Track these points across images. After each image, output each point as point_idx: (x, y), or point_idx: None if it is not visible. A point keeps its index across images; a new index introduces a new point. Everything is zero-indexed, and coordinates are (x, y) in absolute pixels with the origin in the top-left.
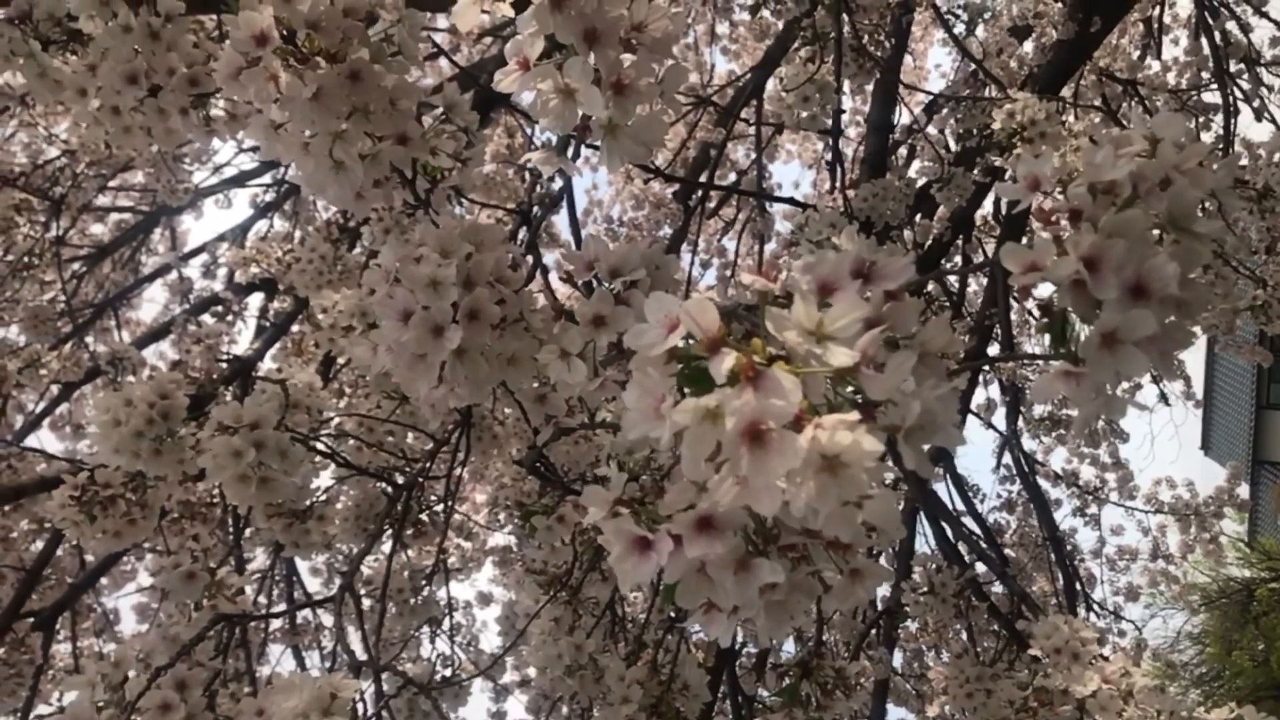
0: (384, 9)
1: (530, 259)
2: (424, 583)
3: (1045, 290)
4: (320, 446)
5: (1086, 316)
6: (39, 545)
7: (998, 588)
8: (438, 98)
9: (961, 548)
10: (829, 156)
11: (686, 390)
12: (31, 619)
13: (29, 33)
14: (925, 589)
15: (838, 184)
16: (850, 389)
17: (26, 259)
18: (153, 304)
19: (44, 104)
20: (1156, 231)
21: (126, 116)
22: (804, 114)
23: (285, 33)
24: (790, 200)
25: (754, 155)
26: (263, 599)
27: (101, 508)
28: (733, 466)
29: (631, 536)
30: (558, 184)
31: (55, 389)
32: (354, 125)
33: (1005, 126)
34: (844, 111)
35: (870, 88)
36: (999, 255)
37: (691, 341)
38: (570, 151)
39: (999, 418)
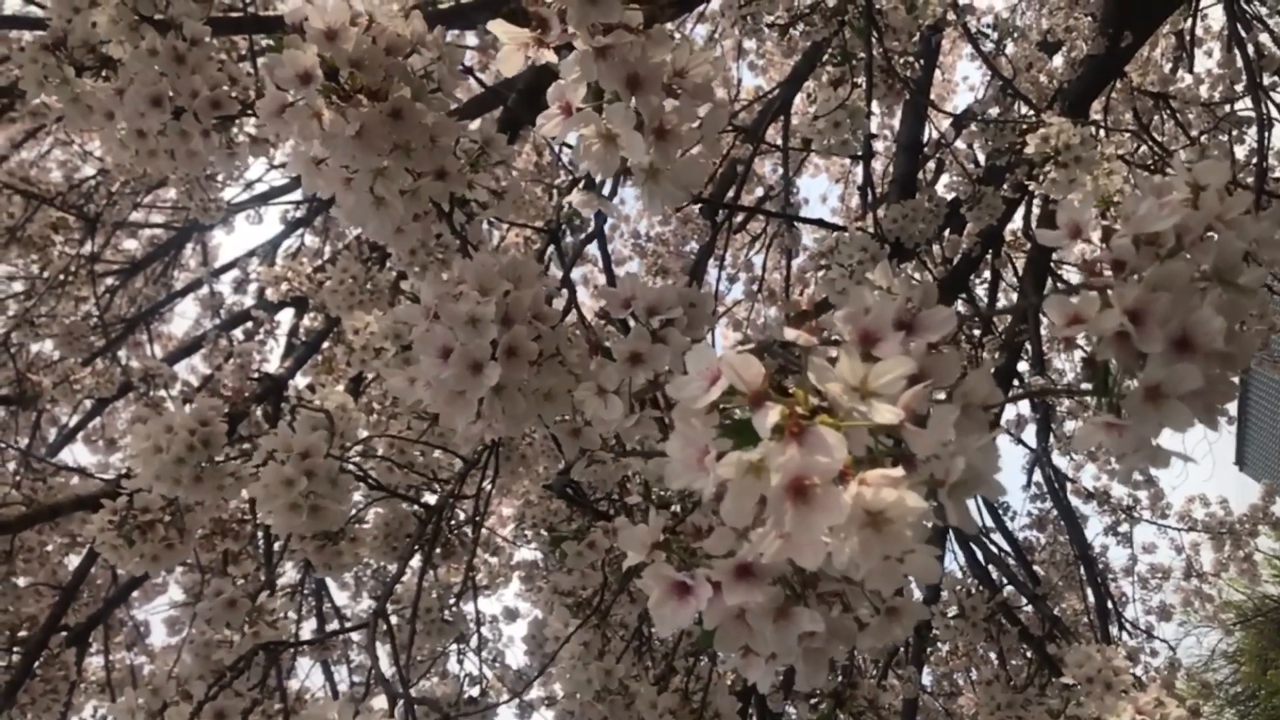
0: (424, 46)
1: (565, 292)
2: (453, 602)
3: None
4: (352, 468)
5: (1130, 368)
6: (71, 559)
7: (1029, 607)
8: (474, 130)
9: (991, 569)
10: (859, 179)
11: (728, 440)
12: (65, 633)
13: (63, 59)
14: (955, 613)
15: (869, 207)
16: (892, 439)
17: (62, 276)
18: (184, 319)
19: (76, 127)
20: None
21: (151, 139)
22: (835, 139)
23: (328, 70)
24: (819, 221)
25: (781, 169)
26: (292, 614)
27: (140, 532)
28: (777, 522)
29: (670, 582)
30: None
31: (88, 403)
32: (395, 162)
33: (1039, 151)
34: (875, 136)
35: (899, 108)
36: (1028, 273)
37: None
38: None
39: (1029, 433)
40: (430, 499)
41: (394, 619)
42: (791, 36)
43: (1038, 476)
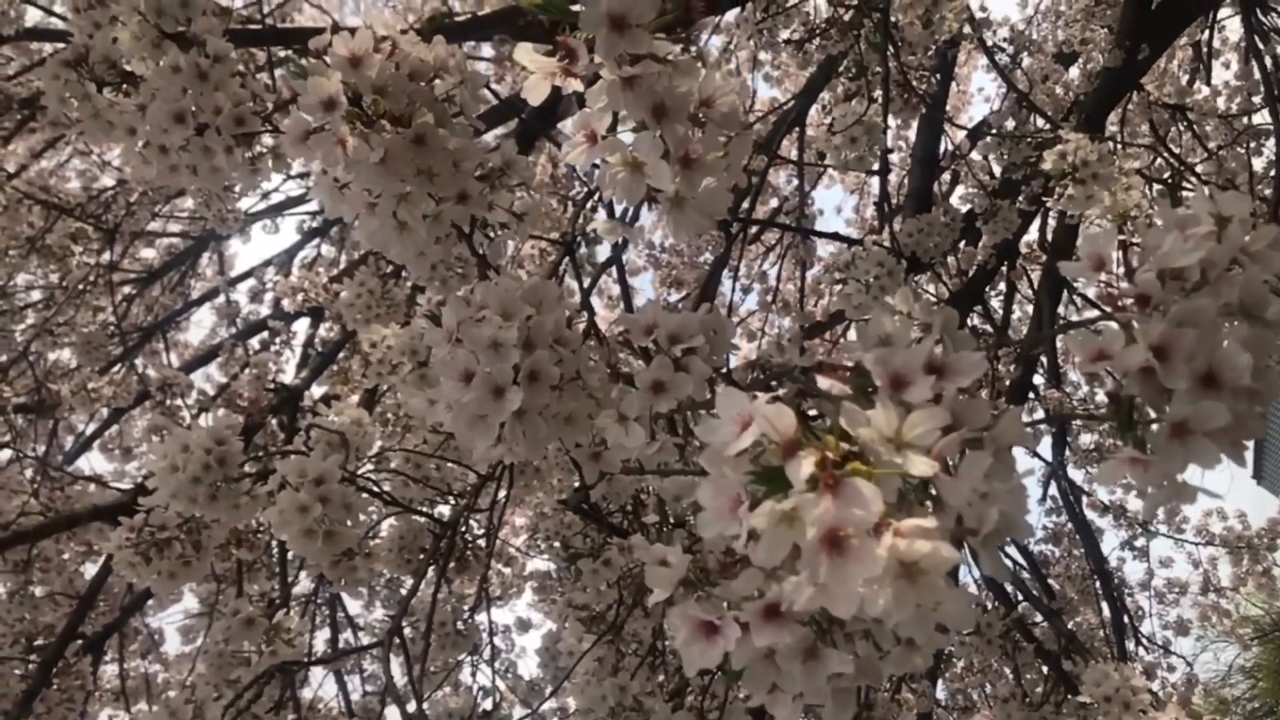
0: (446, 71)
1: (585, 314)
2: (467, 616)
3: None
4: (368, 484)
5: (1155, 404)
6: (87, 567)
7: (1045, 622)
8: (495, 153)
9: (1006, 584)
10: (875, 192)
11: (760, 487)
12: (81, 641)
13: (84, 74)
14: (971, 629)
15: (885, 221)
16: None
17: (81, 286)
18: (200, 327)
19: (97, 143)
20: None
21: (173, 155)
22: (851, 155)
23: (351, 96)
24: (834, 235)
25: (796, 180)
26: (306, 621)
27: (157, 549)
28: (812, 574)
29: (698, 621)
30: (601, 214)
31: (105, 411)
32: (418, 187)
33: (1057, 167)
34: (891, 151)
35: (915, 121)
36: (1044, 285)
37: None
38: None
39: (1044, 447)
40: (444, 509)
41: (408, 631)
42: (807, 50)
43: (1053, 490)
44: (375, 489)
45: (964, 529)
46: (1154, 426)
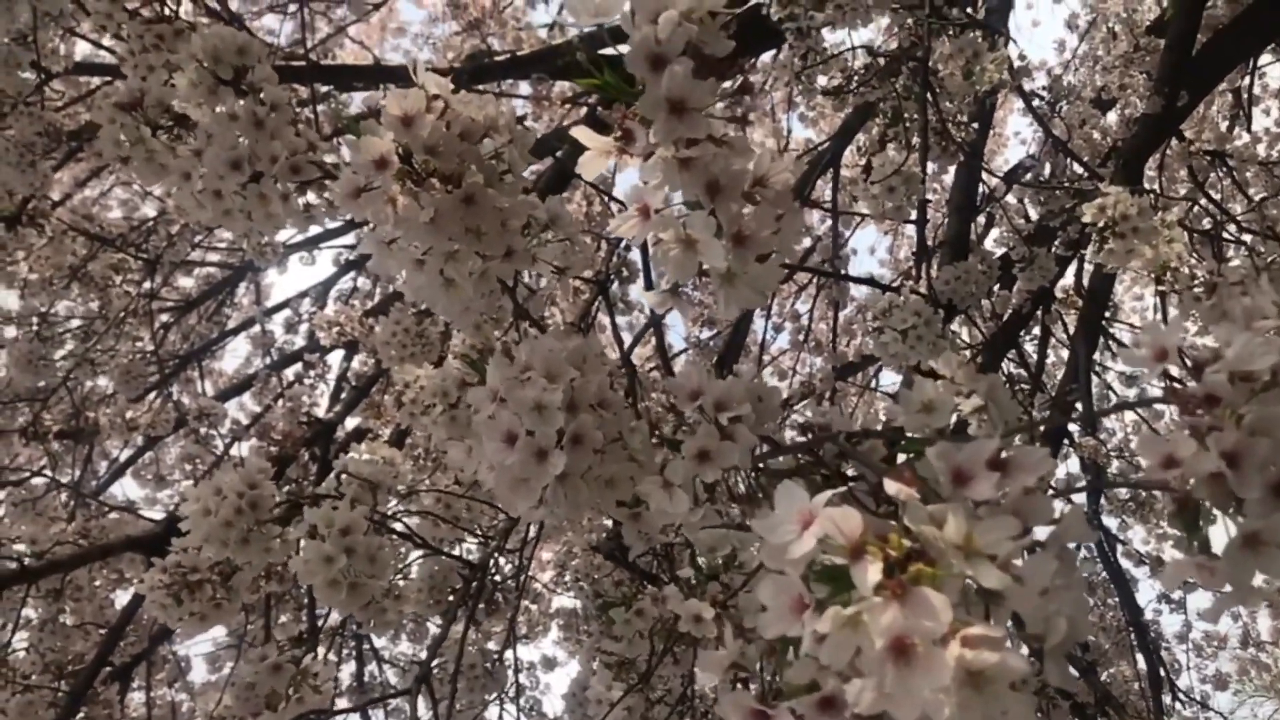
0: (496, 131)
1: (626, 371)
2: (495, 659)
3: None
4: (398, 526)
5: (1223, 508)
6: (118, 593)
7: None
8: (541, 208)
9: None
10: (910, 236)
11: (822, 587)
12: (109, 668)
13: (139, 119)
14: None
15: (921, 269)
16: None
17: (122, 315)
18: (235, 355)
19: (149, 184)
20: None
21: (228, 199)
22: (890, 205)
23: (402, 154)
24: (869, 281)
25: (830, 219)
26: (333, 656)
27: (189, 591)
28: (877, 682)
29: (750, 710)
30: (635, 254)
31: (140, 438)
32: (466, 245)
33: (1096, 220)
34: (929, 201)
35: (952, 169)
36: (1080, 332)
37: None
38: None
39: (1079, 494)
40: (471, 544)
41: (435, 670)
42: (844, 95)
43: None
44: (405, 529)
45: (1029, 635)
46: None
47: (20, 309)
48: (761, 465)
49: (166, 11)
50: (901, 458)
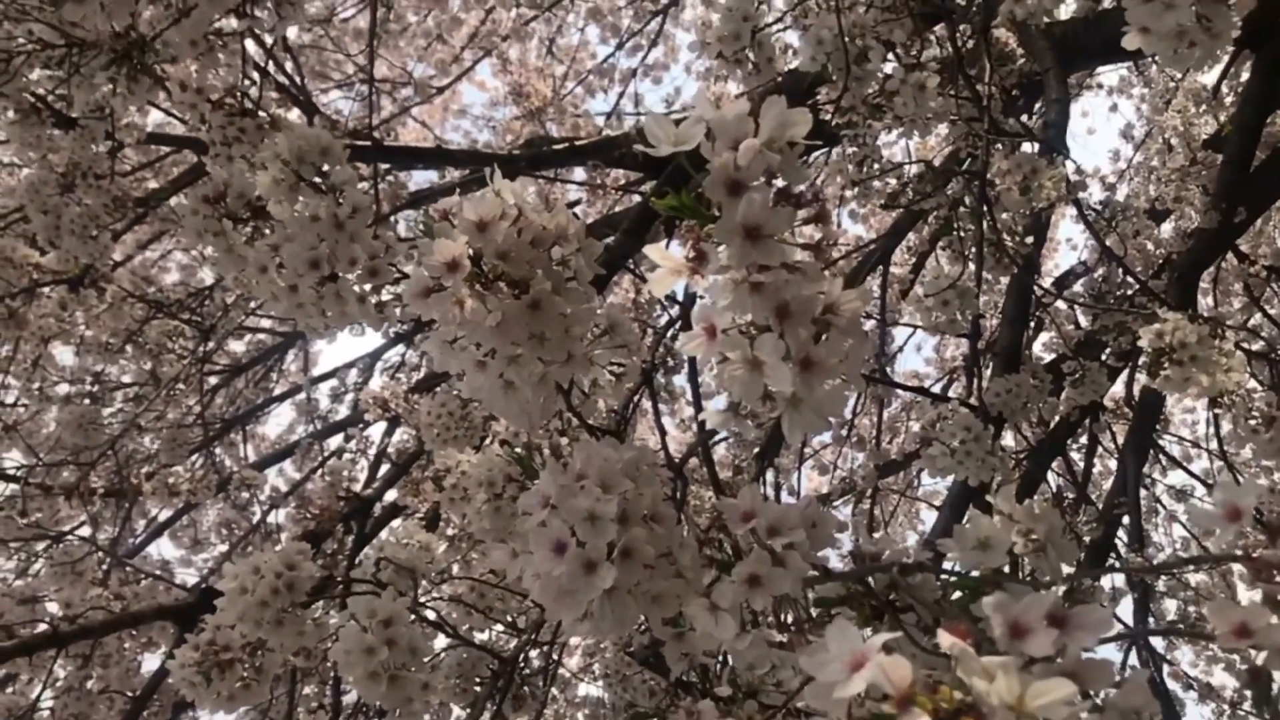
0: (565, 239)
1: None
2: None
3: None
4: (430, 615)
5: None
6: (144, 657)
7: None
8: (601, 314)
9: None
10: (963, 347)
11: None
12: None
13: (220, 212)
14: None
15: (972, 383)
16: None
17: (173, 380)
18: (278, 421)
19: (227, 275)
20: None
21: (304, 293)
22: (943, 318)
23: (472, 257)
24: (918, 389)
25: (877, 318)
26: None
27: (219, 670)
28: None
29: None
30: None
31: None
32: (529, 350)
33: (1153, 346)
34: (983, 316)
35: (1006, 279)
36: (1130, 444)
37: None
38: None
39: (1125, 609)
40: (500, 629)
41: None
42: (898, 199)
43: (1133, 658)
44: (438, 618)
45: None
46: None
47: (74, 366)
48: (810, 590)
49: (248, 104)
50: (956, 594)
